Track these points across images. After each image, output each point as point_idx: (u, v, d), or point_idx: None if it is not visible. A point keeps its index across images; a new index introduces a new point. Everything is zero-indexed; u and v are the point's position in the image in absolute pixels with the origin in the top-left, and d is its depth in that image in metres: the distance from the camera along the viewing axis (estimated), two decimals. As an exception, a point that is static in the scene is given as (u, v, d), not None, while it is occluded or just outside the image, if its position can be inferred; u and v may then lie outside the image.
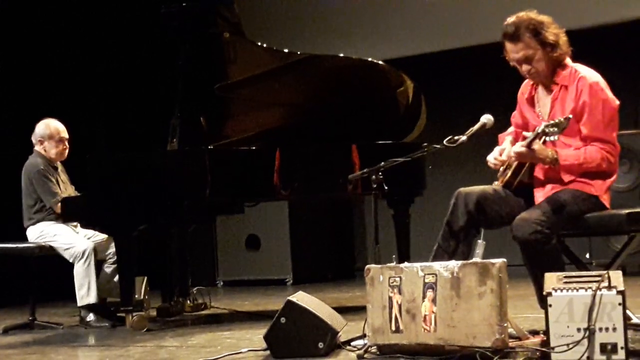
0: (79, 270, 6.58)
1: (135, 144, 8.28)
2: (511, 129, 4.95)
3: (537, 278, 4.36)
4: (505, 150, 4.75)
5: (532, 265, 4.45)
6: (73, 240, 6.65)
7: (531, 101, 4.80)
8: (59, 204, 6.60)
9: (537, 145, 4.40)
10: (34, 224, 6.77)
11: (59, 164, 6.98)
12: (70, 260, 6.62)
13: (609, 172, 4.61)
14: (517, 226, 4.41)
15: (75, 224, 6.75)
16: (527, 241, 4.37)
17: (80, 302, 6.61)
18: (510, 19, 4.64)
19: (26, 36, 9.57)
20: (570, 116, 4.33)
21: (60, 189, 6.81)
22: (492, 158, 4.76)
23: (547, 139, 4.35)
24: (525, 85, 4.85)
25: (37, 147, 6.92)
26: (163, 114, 6.86)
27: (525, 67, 4.65)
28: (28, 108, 8.52)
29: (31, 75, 9.49)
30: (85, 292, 6.57)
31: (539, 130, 4.34)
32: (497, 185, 4.75)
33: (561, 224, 4.45)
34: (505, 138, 4.88)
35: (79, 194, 6.88)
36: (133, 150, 6.73)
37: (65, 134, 6.94)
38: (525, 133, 4.60)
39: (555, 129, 4.26)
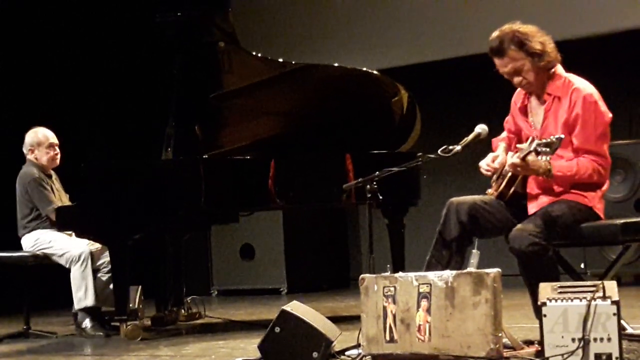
0: (75, 273, 6.57)
1: (131, 153, 8.30)
2: (504, 134, 4.95)
3: (533, 289, 4.36)
4: (499, 157, 4.75)
5: (528, 277, 4.45)
6: (69, 245, 6.65)
7: (524, 110, 4.80)
8: (55, 212, 6.60)
9: (531, 157, 4.40)
10: (29, 232, 6.77)
11: (52, 172, 6.98)
12: (67, 266, 6.61)
13: (600, 183, 4.62)
14: (514, 238, 4.41)
15: (70, 232, 6.74)
16: (524, 253, 4.37)
17: (77, 306, 6.59)
18: (494, 34, 4.64)
19: (18, 45, 9.56)
20: (562, 136, 4.31)
21: (55, 197, 6.81)
22: (484, 164, 4.76)
23: (539, 158, 4.35)
24: (518, 94, 4.86)
25: (29, 156, 6.92)
26: (158, 122, 6.86)
27: (516, 80, 4.66)
28: (21, 117, 8.49)
29: (24, 84, 9.47)
30: (83, 294, 6.56)
31: (531, 149, 4.33)
32: (489, 193, 4.75)
33: (557, 235, 4.45)
34: (499, 144, 4.88)
35: (73, 203, 6.89)
36: (128, 159, 6.72)
37: (54, 139, 6.94)
38: (519, 145, 4.60)
39: (548, 149, 4.26)
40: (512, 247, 4.41)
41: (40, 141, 6.89)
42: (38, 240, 6.71)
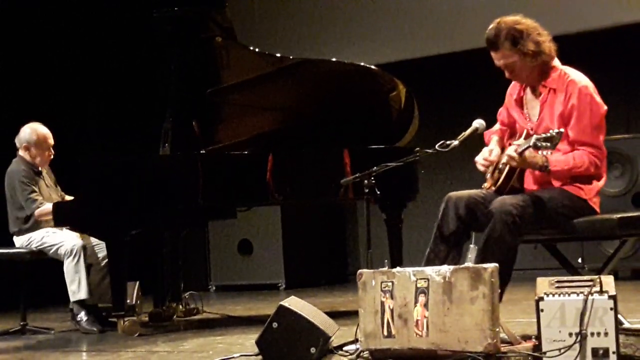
0: (68, 267, 6.55)
1: (129, 148, 8.28)
2: (497, 127, 4.93)
3: (484, 258, 4.27)
4: (493, 151, 4.74)
5: (486, 247, 4.35)
6: (61, 239, 6.62)
7: (520, 102, 4.79)
8: (38, 213, 6.59)
9: (528, 152, 4.40)
10: (20, 234, 6.72)
11: (43, 168, 6.92)
12: (61, 259, 6.60)
13: (597, 176, 4.61)
14: (494, 203, 4.40)
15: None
16: (496, 221, 4.32)
17: (72, 298, 6.60)
18: (492, 25, 4.62)
19: (13, 39, 9.54)
20: (562, 130, 4.31)
21: (44, 194, 6.76)
22: (480, 159, 4.75)
23: (539, 153, 4.34)
24: (514, 86, 4.84)
25: (22, 153, 6.85)
26: (156, 118, 6.85)
27: (508, 74, 4.67)
28: (15, 112, 8.44)
29: (19, 79, 9.44)
30: (76, 288, 6.54)
31: (530, 144, 4.33)
32: (485, 187, 4.74)
33: (537, 219, 4.41)
34: (492, 137, 4.87)
35: (64, 194, 6.89)
36: (126, 154, 6.72)
37: (51, 140, 6.88)
38: (516, 142, 4.59)
39: (548, 144, 4.25)
40: (489, 211, 4.37)
41: (38, 141, 6.81)
42: (30, 240, 6.67)
